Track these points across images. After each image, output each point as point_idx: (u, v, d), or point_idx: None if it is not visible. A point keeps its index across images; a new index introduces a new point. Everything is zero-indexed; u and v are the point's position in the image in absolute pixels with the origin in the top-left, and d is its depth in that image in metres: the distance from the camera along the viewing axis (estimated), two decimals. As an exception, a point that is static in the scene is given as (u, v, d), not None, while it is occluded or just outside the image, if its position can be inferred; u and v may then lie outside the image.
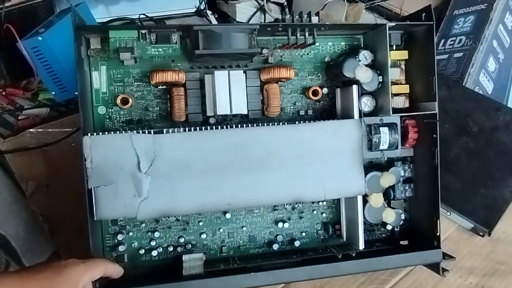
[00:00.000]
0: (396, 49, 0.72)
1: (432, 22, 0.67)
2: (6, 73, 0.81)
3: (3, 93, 0.83)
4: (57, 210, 0.77)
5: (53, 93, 0.80)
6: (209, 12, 0.98)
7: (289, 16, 0.65)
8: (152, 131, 0.61)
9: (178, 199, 0.61)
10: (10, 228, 0.79)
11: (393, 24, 0.67)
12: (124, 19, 0.96)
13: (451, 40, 1.10)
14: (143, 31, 0.62)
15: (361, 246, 0.68)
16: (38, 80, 0.79)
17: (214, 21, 0.98)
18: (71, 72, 0.75)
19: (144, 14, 0.93)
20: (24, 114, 0.85)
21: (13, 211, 0.80)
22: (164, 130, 0.61)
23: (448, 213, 0.84)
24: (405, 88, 0.72)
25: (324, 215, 0.74)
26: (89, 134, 0.59)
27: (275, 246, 0.71)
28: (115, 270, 0.60)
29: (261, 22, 1.01)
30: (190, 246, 0.69)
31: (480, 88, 1.01)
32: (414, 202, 0.75)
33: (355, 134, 0.66)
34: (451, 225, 0.84)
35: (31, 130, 0.81)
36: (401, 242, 0.76)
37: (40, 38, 0.73)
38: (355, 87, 0.67)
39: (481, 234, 0.83)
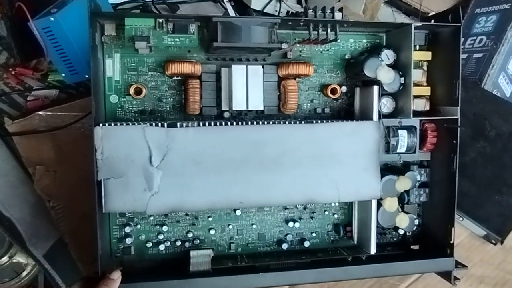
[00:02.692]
0: (419, 50, 0.70)
1: (460, 24, 0.65)
2: (16, 52, 0.79)
3: (13, 73, 0.81)
4: (64, 196, 0.76)
5: (63, 74, 0.78)
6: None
7: (311, 11, 0.63)
8: (165, 123, 0.59)
9: (189, 195, 0.59)
10: (15, 211, 0.78)
11: (419, 24, 0.64)
12: (137, 1, 0.94)
13: (471, 40, 1.07)
14: (160, 20, 0.60)
15: (373, 250, 0.67)
16: (48, 61, 0.78)
17: (230, 9, 0.96)
18: (82, 54, 0.73)
19: (157, -3, 0.91)
20: (33, 95, 0.84)
21: (19, 195, 0.79)
22: (178, 123, 0.59)
23: (461, 219, 0.82)
24: (426, 91, 0.70)
25: (335, 216, 0.73)
26: (100, 125, 0.58)
27: (285, 246, 0.70)
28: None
29: (280, 13, 0.98)
30: (198, 241, 0.68)
31: (499, 91, 0.99)
32: (428, 207, 0.74)
33: (373, 136, 0.64)
34: (463, 231, 0.82)
35: (40, 112, 0.80)
36: (412, 247, 0.75)
37: (52, 19, 0.71)
38: (376, 87, 0.64)
39: (493, 242, 0.81)
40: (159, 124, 0.59)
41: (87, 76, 0.77)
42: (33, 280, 0.82)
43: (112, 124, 0.58)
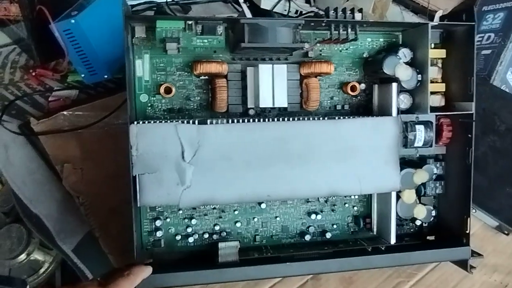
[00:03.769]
0: (434, 48, 0.73)
1: (474, 23, 0.68)
2: (36, 54, 0.81)
3: (33, 74, 0.83)
4: (91, 192, 0.79)
5: (83, 75, 0.80)
6: (241, 0, 0.98)
7: (332, 12, 0.65)
8: (196, 121, 0.62)
9: (219, 189, 0.62)
10: (43, 208, 0.80)
11: (435, 23, 0.67)
12: (151, 2, 0.96)
13: (479, 37, 1.10)
14: (190, 22, 0.63)
15: (393, 240, 0.70)
16: (68, 62, 0.80)
17: (246, 9, 0.98)
18: (101, 55, 0.76)
19: (171, -1, 0.93)
20: (53, 95, 0.86)
21: (46, 192, 0.81)
22: (208, 120, 0.62)
23: (474, 211, 0.85)
24: (442, 87, 0.73)
25: (355, 208, 0.75)
26: (135, 122, 0.60)
27: (307, 237, 0.73)
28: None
29: (289, 13, 1.00)
30: (225, 234, 0.71)
31: (507, 87, 1.01)
32: (444, 199, 0.76)
33: (393, 131, 0.67)
34: (476, 223, 0.85)
35: (64, 112, 0.82)
36: (428, 237, 0.77)
37: (73, 21, 0.73)
38: (395, 85, 0.67)
39: (505, 232, 0.84)
40: (191, 121, 0.62)
41: (106, 76, 0.80)
42: (50, 277, 0.84)
43: (143, 122, 0.61)
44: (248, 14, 0.98)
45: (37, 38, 0.79)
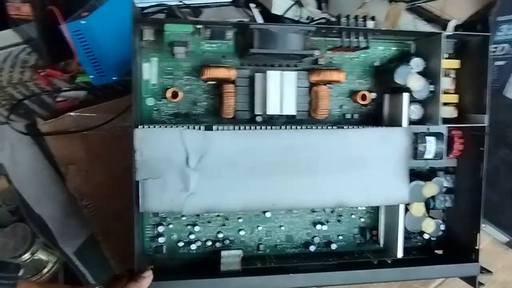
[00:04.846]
0: (448, 58, 0.71)
1: (490, 34, 0.66)
2: (46, 54, 0.81)
3: (42, 74, 0.83)
4: (96, 195, 0.78)
5: (91, 76, 0.80)
6: (252, 5, 0.97)
7: (344, 19, 0.64)
8: (202, 127, 0.61)
9: (224, 196, 0.61)
10: (47, 209, 0.80)
11: (449, 33, 0.66)
12: (163, 5, 0.96)
13: (493, 47, 1.08)
14: (199, 26, 0.62)
15: (400, 254, 0.68)
16: (77, 62, 0.80)
17: (257, 15, 0.97)
18: (110, 57, 0.76)
19: (181, 2, 0.93)
20: (61, 96, 0.86)
21: (50, 193, 0.81)
22: (214, 127, 0.61)
23: (484, 225, 0.83)
24: (455, 98, 0.71)
25: (362, 219, 0.74)
26: (140, 127, 0.59)
27: (312, 248, 0.71)
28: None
29: (301, 20, 0.99)
30: (228, 242, 0.70)
31: (520, 99, 0.99)
32: (453, 213, 0.75)
33: (403, 143, 0.65)
34: (485, 238, 0.83)
35: (71, 113, 0.82)
36: (436, 251, 0.76)
37: (83, 22, 0.73)
38: (406, 95, 0.66)
39: (516, 248, 0.83)
40: (197, 127, 0.61)
41: (114, 78, 0.79)
42: (53, 277, 0.84)
43: (148, 126, 0.60)
44: (259, 19, 0.97)
45: (47, 38, 0.79)
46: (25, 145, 0.81)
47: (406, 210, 0.69)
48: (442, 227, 0.72)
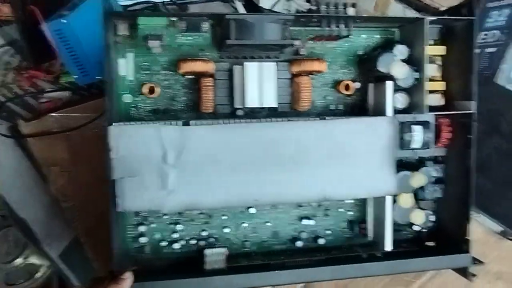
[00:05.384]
0: (433, 44, 0.69)
1: (474, 18, 0.64)
2: (29, 55, 0.80)
3: (25, 75, 0.82)
4: (79, 197, 0.77)
5: (75, 76, 0.79)
6: (236, -1, 0.96)
7: (324, 7, 0.62)
8: (179, 122, 0.59)
9: (205, 193, 0.60)
10: (30, 212, 0.79)
11: (433, 18, 0.64)
12: (148, 2, 0.95)
13: (484, 34, 1.06)
14: (173, 19, 0.60)
15: (389, 247, 0.66)
16: (60, 63, 0.79)
17: (240, 7, 0.96)
18: (93, 56, 0.74)
19: (167, -2, 0.91)
20: (45, 97, 0.85)
21: (34, 196, 0.80)
22: (192, 122, 0.59)
23: (477, 215, 0.82)
24: (441, 85, 0.69)
25: (350, 213, 0.72)
26: (114, 124, 0.58)
27: (299, 243, 0.70)
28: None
29: (289, 11, 0.98)
30: (213, 239, 0.68)
31: (512, 86, 0.98)
32: (443, 203, 0.73)
33: (388, 132, 0.64)
34: (479, 228, 0.81)
35: (53, 114, 0.80)
36: (427, 243, 0.74)
37: (64, 21, 0.72)
38: (389, 83, 0.64)
39: (510, 238, 0.81)
40: (174, 122, 0.59)
41: (98, 77, 0.78)
42: (47, 281, 0.83)
43: (127, 123, 0.58)
44: (243, 12, 0.95)
45: (30, 39, 0.77)
46: (8, 148, 0.80)
47: (394, 201, 0.67)
48: (432, 218, 0.70)
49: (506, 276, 0.77)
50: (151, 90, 0.64)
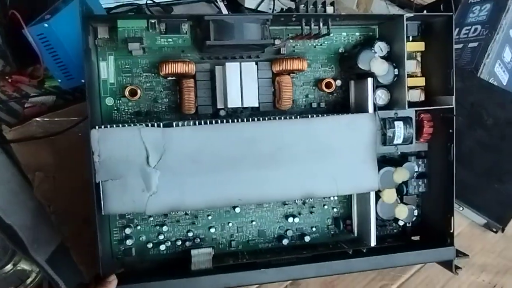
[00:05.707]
0: (412, 40, 0.70)
1: (452, 13, 0.65)
2: (12, 60, 0.79)
3: (9, 80, 0.81)
4: (64, 201, 0.76)
5: (59, 80, 0.78)
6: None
7: (303, 6, 0.63)
8: (161, 123, 0.60)
9: (188, 194, 0.60)
10: (16, 218, 0.78)
11: (411, 15, 0.64)
12: (131, 5, 0.95)
13: (466, 29, 1.07)
14: (153, 21, 0.60)
15: (373, 242, 0.67)
16: (44, 67, 0.78)
17: (223, 9, 0.96)
18: (77, 59, 0.73)
19: (151, 0, 0.91)
20: (30, 102, 0.84)
21: (19, 201, 0.79)
22: (174, 123, 0.60)
23: (461, 208, 0.82)
24: (421, 81, 0.70)
25: (335, 210, 0.73)
26: (97, 127, 0.58)
27: (285, 241, 0.70)
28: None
29: (274, 11, 0.98)
30: (199, 240, 0.68)
31: (495, 79, 0.99)
32: (427, 197, 0.73)
33: (369, 129, 0.64)
34: (463, 221, 0.82)
35: (37, 119, 0.80)
36: (413, 238, 0.75)
37: (46, 25, 0.71)
38: (370, 80, 0.64)
39: (494, 230, 0.81)
40: (155, 124, 0.59)
41: (83, 81, 0.77)
42: (37, 287, 0.82)
43: (109, 126, 0.58)
44: (225, 12, 0.96)
45: (12, 44, 0.76)
46: (-7, 154, 0.79)
47: (378, 197, 0.68)
48: (416, 212, 0.71)
49: (490, 268, 0.77)
50: (133, 93, 0.64)
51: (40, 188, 0.77)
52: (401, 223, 0.72)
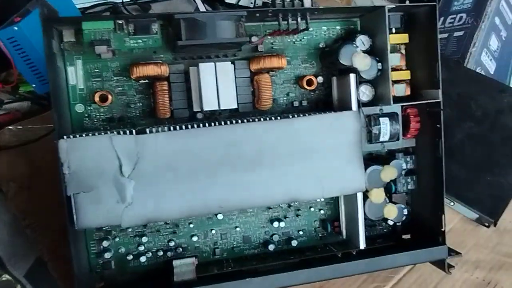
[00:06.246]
0: (395, 33, 0.67)
1: (435, 3, 0.62)
2: (-16, 66, 0.77)
3: (-18, 87, 0.78)
4: (40, 213, 0.73)
5: (34, 85, 0.77)
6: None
7: (279, 0, 0.60)
8: (134, 130, 0.56)
9: (165, 203, 0.57)
10: (-9, 232, 0.75)
11: (392, 5, 0.62)
12: (107, 4, 0.92)
13: (451, 18, 1.05)
14: (120, 21, 0.57)
15: (362, 245, 0.64)
16: (17, 72, 0.75)
17: (200, 5, 0.93)
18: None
19: (128, -2, 0.88)
20: (4, 109, 0.81)
21: (-5, 215, 0.76)
22: (147, 129, 0.56)
23: (452, 203, 0.80)
24: (406, 75, 0.67)
25: (322, 211, 0.70)
26: (65, 137, 0.54)
27: (271, 247, 0.67)
28: None
29: (255, 5, 0.95)
30: (181, 249, 0.65)
31: (482, 68, 0.97)
32: (417, 195, 0.71)
33: (353, 127, 0.61)
34: (454, 216, 0.80)
35: (10, 127, 0.77)
36: (404, 237, 0.72)
37: (16, 28, 0.70)
38: (352, 76, 0.62)
39: (486, 224, 0.79)
40: (128, 131, 0.56)
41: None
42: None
43: (78, 135, 0.55)
44: (203, 10, 0.93)
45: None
46: (-34, 167, 0.76)
47: (366, 197, 0.65)
48: (405, 211, 0.68)
49: (484, 264, 0.75)
50: (104, 98, 0.60)
51: (14, 200, 0.74)
52: (390, 223, 0.70)
